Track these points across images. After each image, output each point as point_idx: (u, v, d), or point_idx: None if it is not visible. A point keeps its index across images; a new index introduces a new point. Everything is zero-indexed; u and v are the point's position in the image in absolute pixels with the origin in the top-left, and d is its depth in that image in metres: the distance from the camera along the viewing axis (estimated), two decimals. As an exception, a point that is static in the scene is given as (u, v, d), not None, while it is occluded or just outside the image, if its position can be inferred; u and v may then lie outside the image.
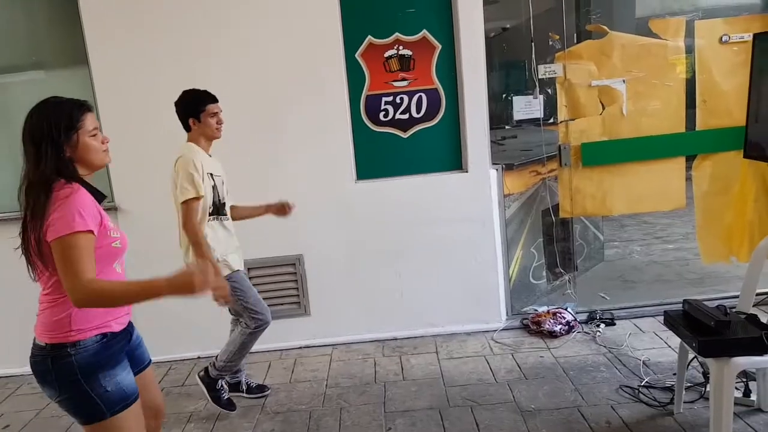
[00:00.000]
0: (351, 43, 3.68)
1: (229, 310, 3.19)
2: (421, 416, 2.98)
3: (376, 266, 3.87)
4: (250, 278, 3.88)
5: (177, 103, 2.92)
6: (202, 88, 2.92)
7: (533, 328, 3.82)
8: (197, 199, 2.79)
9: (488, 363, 3.49)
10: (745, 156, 3.09)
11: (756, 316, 2.59)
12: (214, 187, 2.92)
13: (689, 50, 3.74)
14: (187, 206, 2.79)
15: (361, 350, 3.85)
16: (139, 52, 3.63)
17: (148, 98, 3.60)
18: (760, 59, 2.98)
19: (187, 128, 2.93)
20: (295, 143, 3.74)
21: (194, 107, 2.87)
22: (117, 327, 1.88)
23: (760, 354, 2.38)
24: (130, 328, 1.99)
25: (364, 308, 3.92)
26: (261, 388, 3.41)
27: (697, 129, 3.82)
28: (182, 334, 3.87)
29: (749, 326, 2.48)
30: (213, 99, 2.92)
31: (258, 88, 3.67)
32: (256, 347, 3.78)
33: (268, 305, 3.85)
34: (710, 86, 3.77)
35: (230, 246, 3.01)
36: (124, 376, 1.87)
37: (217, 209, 2.95)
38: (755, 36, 3.04)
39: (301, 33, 3.62)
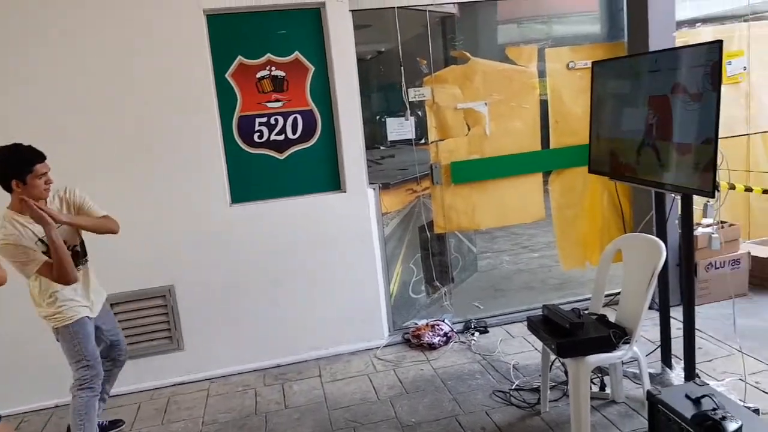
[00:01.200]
0: (220, 63, 3.70)
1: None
2: (303, 444, 3.04)
3: (255, 292, 3.87)
4: (115, 314, 3.72)
5: None
6: (25, 144, 2.65)
7: (414, 341, 4.04)
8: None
9: (371, 381, 3.62)
10: (590, 171, 3.54)
11: (605, 316, 2.94)
12: (46, 253, 2.72)
13: (542, 75, 4.21)
14: (40, 272, 2.71)
15: (240, 382, 3.81)
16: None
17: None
18: (597, 84, 3.45)
19: (8, 189, 2.65)
20: (163, 167, 3.67)
21: (18, 168, 2.59)
22: None
23: (610, 351, 2.71)
24: None
25: (244, 337, 3.90)
26: (114, 423, 3.39)
27: (551, 147, 4.30)
28: (36, 380, 3.62)
29: (599, 326, 2.81)
30: (40, 157, 2.65)
31: (122, 109, 3.58)
32: (122, 389, 3.70)
33: (136, 342, 3.79)
34: (561, 108, 4.27)
35: (79, 293, 2.92)
36: None
37: None
38: (593, 63, 3.51)
39: (167, 53, 3.58)
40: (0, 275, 2.35)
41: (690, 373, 3.01)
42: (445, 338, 4.02)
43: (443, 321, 4.16)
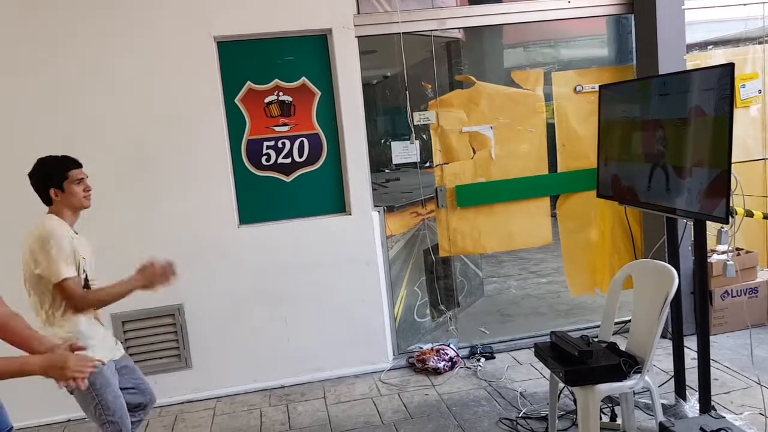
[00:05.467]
0: (230, 88, 3.57)
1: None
2: (306, 466, 2.81)
3: (261, 313, 3.67)
4: (124, 332, 3.59)
5: (32, 174, 2.40)
6: (60, 154, 2.45)
7: (419, 366, 3.77)
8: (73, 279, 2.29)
9: (375, 405, 3.39)
10: (598, 196, 3.26)
11: (615, 343, 2.69)
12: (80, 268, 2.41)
13: (549, 99, 3.95)
14: (64, 286, 2.27)
15: (246, 401, 3.60)
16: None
17: (11, 147, 3.26)
18: (605, 107, 3.19)
19: (48, 201, 2.40)
20: (174, 188, 3.53)
21: (55, 176, 2.37)
22: None
23: (620, 380, 2.47)
24: None
25: (250, 357, 3.70)
26: None
27: (558, 171, 4.01)
28: (49, 394, 3.41)
29: (610, 354, 2.57)
30: (76, 164, 2.44)
31: (134, 132, 3.46)
32: None
33: (146, 359, 3.60)
34: (568, 132, 3.99)
35: (95, 330, 2.47)
36: None
37: None
38: (600, 87, 3.26)
39: (180, 78, 3.47)
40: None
41: (705, 406, 2.71)
42: (450, 363, 3.72)
43: (448, 346, 3.87)
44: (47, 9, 3.32)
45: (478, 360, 3.80)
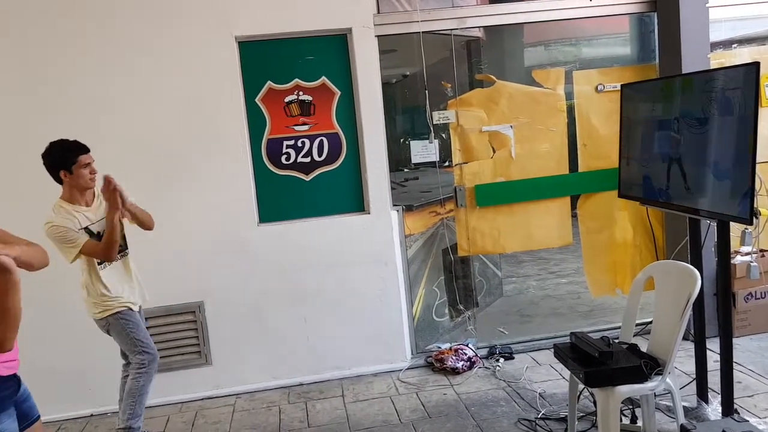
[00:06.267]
0: (251, 88, 3.63)
1: (121, 353, 3.12)
2: (323, 464, 2.86)
3: (280, 311, 3.73)
4: (147, 328, 3.67)
5: (45, 155, 2.77)
6: (71, 138, 2.79)
7: (437, 365, 3.79)
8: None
9: (393, 404, 3.42)
10: (619, 196, 3.26)
11: (636, 345, 2.68)
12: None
13: (570, 98, 3.94)
14: (83, 253, 2.79)
15: (265, 398, 3.67)
16: (26, 97, 3.42)
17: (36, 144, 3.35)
18: (627, 107, 3.19)
19: (59, 180, 2.82)
20: (195, 187, 3.60)
21: (65, 160, 2.75)
22: (5, 371, 1.82)
23: (641, 382, 2.46)
24: (17, 378, 1.93)
25: (269, 354, 3.76)
26: None
27: (579, 171, 4.01)
28: (72, 390, 3.58)
29: (630, 355, 2.57)
30: (84, 149, 2.80)
31: (156, 131, 3.53)
32: (153, 401, 3.59)
33: (166, 356, 3.68)
34: (589, 131, 3.98)
35: (123, 285, 3.00)
36: (8, 425, 1.81)
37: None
38: (622, 86, 3.26)
39: (202, 78, 3.53)
40: (43, 258, 2.09)
41: (728, 409, 2.70)
42: (468, 363, 3.74)
43: (467, 345, 3.89)
44: (67, 9, 3.41)
45: (497, 360, 3.82)
